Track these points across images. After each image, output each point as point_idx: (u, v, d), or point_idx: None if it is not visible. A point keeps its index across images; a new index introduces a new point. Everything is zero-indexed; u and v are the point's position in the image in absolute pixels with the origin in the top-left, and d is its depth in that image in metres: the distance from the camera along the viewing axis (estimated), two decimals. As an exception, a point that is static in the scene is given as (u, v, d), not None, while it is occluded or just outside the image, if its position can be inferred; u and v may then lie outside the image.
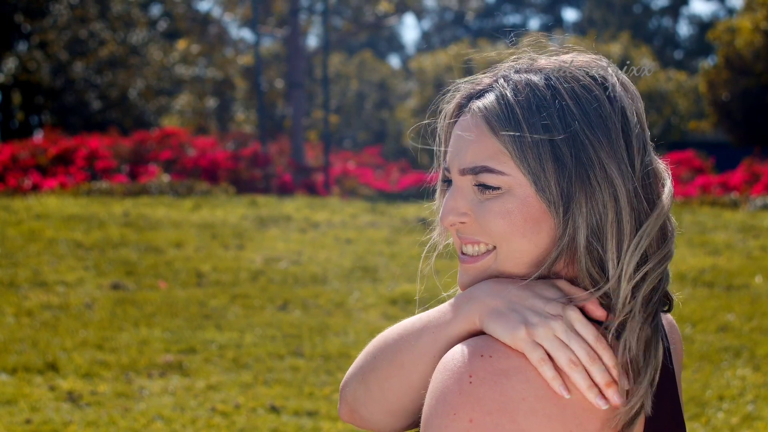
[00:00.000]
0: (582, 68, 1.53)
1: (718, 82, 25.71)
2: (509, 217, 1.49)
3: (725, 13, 51.71)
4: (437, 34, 53.51)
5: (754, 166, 17.91)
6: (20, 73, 31.80)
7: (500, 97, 1.51)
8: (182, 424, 5.85)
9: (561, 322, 1.43)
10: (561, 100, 1.48)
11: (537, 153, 1.46)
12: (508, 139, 1.48)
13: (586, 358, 1.42)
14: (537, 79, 1.51)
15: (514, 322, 1.44)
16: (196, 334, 7.82)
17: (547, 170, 1.46)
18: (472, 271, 1.54)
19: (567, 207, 1.46)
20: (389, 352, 1.57)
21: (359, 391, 1.61)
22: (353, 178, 18.80)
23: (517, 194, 1.48)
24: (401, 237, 12.12)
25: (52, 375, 6.74)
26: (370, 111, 38.10)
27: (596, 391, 1.41)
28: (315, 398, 6.40)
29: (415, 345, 1.53)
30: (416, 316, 1.58)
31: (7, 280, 9.42)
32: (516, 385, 1.40)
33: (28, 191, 15.62)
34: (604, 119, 1.48)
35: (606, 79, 1.51)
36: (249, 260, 10.61)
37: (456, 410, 1.39)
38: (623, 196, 1.46)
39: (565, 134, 1.46)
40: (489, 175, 1.49)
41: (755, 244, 11.63)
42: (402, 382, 1.55)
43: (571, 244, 1.47)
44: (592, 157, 1.46)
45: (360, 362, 1.62)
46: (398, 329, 1.58)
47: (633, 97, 1.53)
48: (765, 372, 6.96)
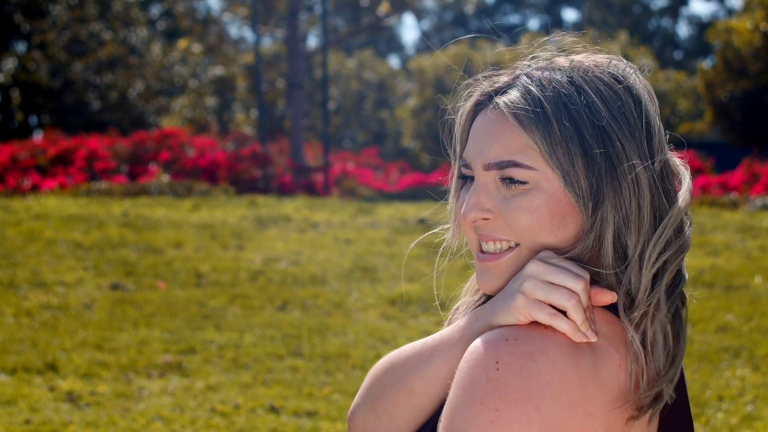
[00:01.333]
0: (601, 66, 1.54)
1: (717, 82, 25.71)
2: (537, 212, 1.48)
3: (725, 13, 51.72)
4: (437, 34, 53.51)
5: (753, 166, 17.91)
6: (20, 73, 31.80)
7: (526, 93, 1.50)
8: (181, 425, 5.85)
9: (536, 263, 1.45)
10: (587, 97, 1.49)
11: (566, 148, 1.46)
12: (537, 134, 1.47)
13: (575, 284, 1.43)
14: (560, 76, 1.51)
15: (508, 299, 1.46)
16: (195, 334, 7.82)
17: (577, 165, 1.46)
18: (495, 269, 1.53)
19: (596, 203, 1.47)
20: (397, 379, 1.56)
21: (369, 419, 1.60)
22: (352, 179, 18.80)
23: (545, 189, 1.48)
24: (401, 237, 12.11)
25: (52, 375, 6.74)
26: (369, 111, 38.10)
27: (588, 325, 1.42)
28: (314, 398, 6.40)
29: (424, 369, 1.53)
30: (422, 340, 1.57)
31: (6, 280, 9.42)
32: (541, 368, 1.39)
33: (27, 191, 15.61)
34: (627, 116, 1.49)
35: (626, 77, 1.53)
36: (248, 260, 10.61)
37: (483, 399, 1.39)
38: (646, 191, 1.47)
39: (593, 129, 1.47)
40: (516, 170, 1.48)
41: (754, 244, 11.63)
42: (413, 408, 1.54)
43: (597, 239, 1.48)
44: (620, 153, 1.47)
45: (367, 389, 1.61)
46: (405, 354, 1.57)
47: (651, 94, 1.54)
48: (764, 372, 6.96)
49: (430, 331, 8.06)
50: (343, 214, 14.09)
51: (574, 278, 1.43)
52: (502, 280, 1.52)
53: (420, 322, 8.38)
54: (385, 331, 8.05)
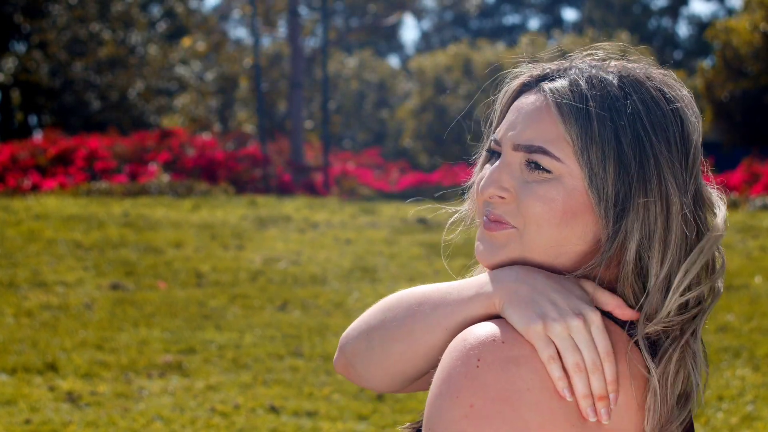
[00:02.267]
0: (653, 79, 1.52)
1: (717, 82, 25.71)
2: (551, 204, 1.47)
3: (725, 13, 51.72)
4: (437, 34, 53.50)
5: (753, 166, 17.91)
6: (20, 73, 31.80)
7: (573, 86, 1.49)
8: (181, 425, 5.85)
9: (580, 323, 1.42)
10: (633, 105, 1.47)
11: (601, 149, 1.45)
12: (575, 129, 1.46)
13: (591, 365, 1.40)
14: (611, 78, 1.50)
15: (532, 313, 1.43)
16: (195, 334, 7.82)
17: (608, 169, 1.45)
18: (492, 240, 1.51)
19: (622, 211, 1.45)
20: (401, 316, 1.54)
21: (360, 346, 1.59)
22: (353, 179, 18.80)
23: (566, 184, 1.47)
24: (401, 237, 12.11)
25: (52, 375, 6.74)
26: (369, 111, 38.10)
27: (591, 401, 1.39)
28: (314, 398, 6.40)
29: (429, 314, 1.51)
30: (435, 285, 1.54)
31: (6, 280, 9.42)
32: (524, 375, 1.38)
33: (27, 191, 15.62)
34: (668, 135, 1.47)
35: (675, 99, 1.51)
36: (248, 260, 10.61)
37: (459, 393, 1.38)
38: (676, 211, 1.46)
39: (632, 139, 1.45)
40: (544, 157, 1.47)
41: (755, 244, 11.64)
42: (407, 348, 1.53)
43: (619, 249, 1.46)
44: (653, 168, 1.45)
45: (367, 318, 1.59)
46: (415, 294, 1.54)
47: (697, 119, 1.52)
48: (764, 372, 6.96)
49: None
50: (344, 214, 14.09)
51: (592, 360, 1.41)
52: (497, 257, 1.50)
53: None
54: (385, 331, 8.04)
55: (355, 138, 37.95)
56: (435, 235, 12.25)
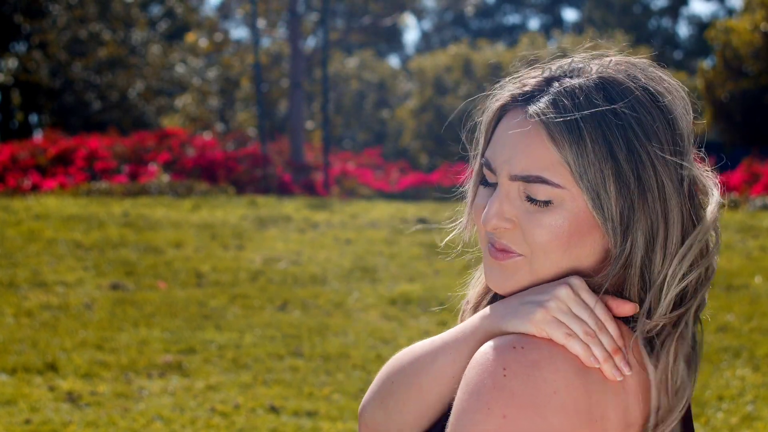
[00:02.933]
0: (636, 79, 1.49)
1: (717, 82, 25.71)
2: (557, 231, 1.45)
3: (725, 13, 51.72)
4: (437, 34, 53.51)
5: (753, 166, 17.91)
6: (20, 73, 31.81)
7: (559, 105, 1.45)
8: (182, 425, 5.85)
9: (568, 289, 1.44)
10: (623, 116, 1.44)
11: (599, 169, 1.43)
12: (570, 153, 1.43)
13: (595, 326, 1.43)
14: (594, 89, 1.46)
15: (529, 309, 1.45)
16: (195, 334, 7.82)
17: (609, 189, 1.43)
18: (504, 269, 1.51)
19: (627, 227, 1.44)
20: (406, 376, 1.56)
21: (378, 415, 1.60)
22: (353, 179, 18.80)
23: (569, 207, 1.45)
24: (401, 237, 12.12)
25: (52, 375, 6.74)
26: (369, 111, 38.10)
27: (612, 362, 1.42)
28: (314, 398, 6.40)
29: (432, 367, 1.53)
30: (432, 338, 1.57)
31: (6, 280, 9.42)
32: (548, 377, 1.39)
33: (27, 191, 15.62)
34: (659, 136, 1.46)
35: (661, 93, 1.49)
36: (248, 260, 10.61)
37: (490, 405, 1.39)
38: (676, 212, 1.46)
39: (627, 151, 1.43)
40: (543, 186, 1.45)
41: (755, 244, 11.64)
42: (421, 404, 1.54)
43: (627, 263, 1.46)
44: (652, 177, 1.44)
45: (377, 387, 1.61)
46: (413, 352, 1.57)
47: (685, 105, 1.51)
48: (764, 372, 6.96)
49: (431, 331, 8.06)
50: (344, 214, 14.09)
51: (594, 321, 1.44)
52: (510, 283, 1.51)
53: (420, 322, 8.38)
54: (386, 331, 8.05)
55: (355, 138, 37.95)
56: (435, 235, 12.25)
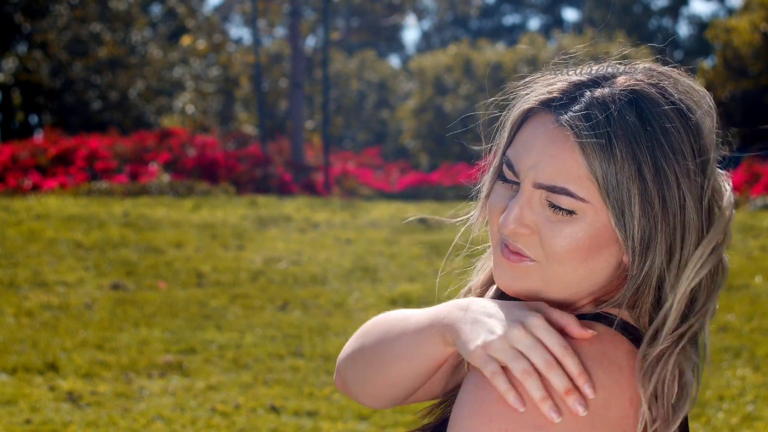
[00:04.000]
0: (668, 95, 1.46)
1: (717, 82, 25.71)
2: (576, 242, 1.43)
3: (725, 13, 51.72)
4: (437, 34, 53.51)
5: (753, 166, 17.91)
6: (20, 73, 31.81)
7: (591, 115, 1.42)
8: (182, 425, 5.85)
9: (520, 330, 1.38)
10: (653, 134, 1.42)
11: (627, 188, 1.40)
12: (599, 168, 1.40)
13: (544, 365, 1.37)
14: (626, 102, 1.43)
15: (473, 337, 1.41)
16: (196, 334, 7.83)
17: (634, 209, 1.41)
18: (515, 271, 1.49)
19: (647, 247, 1.42)
20: (372, 347, 1.60)
21: (349, 370, 1.65)
22: (353, 179, 18.81)
23: (590, 221, 1.43)
24: (401, 237, 12.11)
25: (52, 375, 6.75)
26: (370, 111, 38.10)
27: (550, 403, 1.35)
28: (315, 398, 6.40)
29: (393, 346, 1.56)
30: (404, 313, 1.59)
31: (7, 280, 9.42)
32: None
33: (28, 191, 15.62)
34: (686, 152, 1.43)
35: (692, 110, 1.46)
36: (249, 260, 10.61)
37: (492, 418, 1.38)
38: (694, 232, 1.43)
39: (654, 171, 1.41)
40: (567, 198, 1.42)
41: (755, 244, 11.64)
42: (383, 376, 1.59)
43: (644, 283, 1.44)
44: (675, 196, 1.41)
45: (351, 345, 1.66)
46: (384, 325, 1.60)
47: (712, 120, 1.48)
48: (765, 372, 6.96)
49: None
50: (344, 214, 14.09)
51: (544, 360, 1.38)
52: (518, 285, 1.49)
53: (420, 322, 8.38)
54: (386, 331, 8.04)
55: (356, 138, 37.96)
56: (435, 235, 12.25)
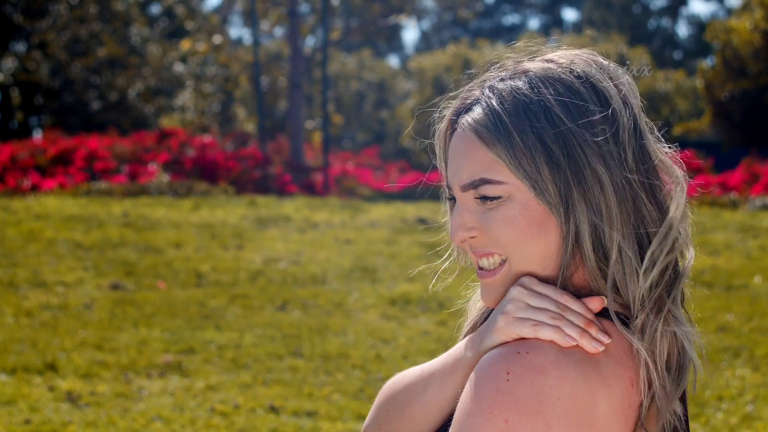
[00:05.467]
0: (566, 66, 1.52)
1: (717, 82, 25.70)
2: (513, 223, 1.49)
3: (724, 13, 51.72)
4: (436, 34, 53.52)
5: (753, 166, 17.91)
6: (20, 73, 31.81)
7: (486, 108, 1.51)
8: (181, 425, 5.85)
9: (518, 288, 1.47)
10: (546, 102, 1.48)
11: (531, 157, 1.47)
12: (500, 148, 1.48)
13: (557, 309, 1.44)
14: (521, 83, 1.51)
15: (492, 322, 1.48)
16: (195, 334, 7.82)
17: (543, 173, 1.47)
18: (492, 285, 1.55)
19: (567, 207, 1.47)
20: (399, 405, 1.60)
21: None
22: (352, 179, 18.81)
23: (518, 200, 1.49)
24: (401, 237, 12.12)
25: (52, 375, 6.74)
26: (369, 111, 38.11)
27: (588, 336, 1.43)
28: (314, 398, 6.41)
29: (422, 397, 1.56)
30: (421, 367, 1.60)
31: (6, 280, 9.42)
32: (553, 383, 1.39)
33: (27, 191, 15.62)
34: (588, 115, 1.48)
35: (586, 74, 1.51)
36: (248, 260, 10.61)
37: (492, 409, 1.39)
38: (610, 191, 1.47)
39: (554, 135, 1.47)
40: (488, 186, 1.50)
41: (754, 244, 11.64)
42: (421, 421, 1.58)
43: (575, 242, 1.48)
44: (581, 155, 1.47)
45: (375, 413, 1.65)
46: (405, 380, 1.61)
47: (627, 90, 1.52)
48: (764, 372, 6.96)
49: (430, 331, 8.07)
50: (343, 214, 14.09)
51: (555, 304, 1.46)
52: (495, 296, 1.54)
53: (420, 322, 8.38)
54: (385, 331, 8.05)
55: (355, 138, 37.96)
56: (435, 235, 12.23)
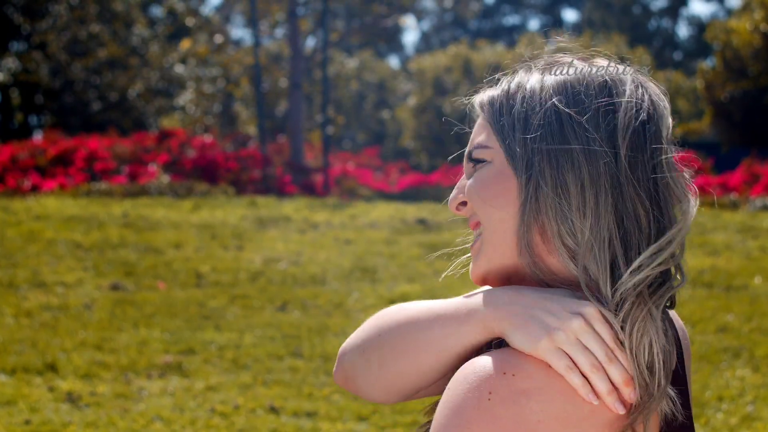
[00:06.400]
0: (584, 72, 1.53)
1: (717, 83, 25.72)
2: (483, 184, 1.52)
3: (724, 13, 51.73)
4: (436, 35, 53.52)
5: (753, 166, 17.92)
6: (20, 73, 31.82)
7: (498, 87, 1.57)
8: (181, 425, 5.85)
9: (581, 322, 1.41)
10: (545, 87, 1.51)
11: (510, 117, 1.51)
12: (492, 115, 1.54)
13: (605, 358, 1.40)
14: (536, 74, 1.54)
15: (536, 331, 1.42)
16: (195, 334, 7.83)
17: (516, 133, 1.50)
18: (473, 254, 1.57)
19: (530, 171, 1.48)
20: (395, 335, 1.55)
21: (358, 363, 1.60)
22: (352, 179, 18.81)
23: (496, 164, 1.52)
24: (401, 238, 12.12)
25: (52, 376, 6.75)
26: (369, 111, 38.12)
27: (616, 395, 1.39)
28: (314, 399, 6.41)
29: (423, 334, 1.51)
30: (427, 303, 1.55)
31: (6, 280, 9.42)
32: (534, 407, 1.38)
33: (27, 192, 15.62)
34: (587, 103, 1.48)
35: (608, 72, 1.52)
36: (248, 261, 10.61)
37: (470, 425, 1.37)
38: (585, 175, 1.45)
39: (542, 109, 1.49)
40: (478, 150, 1.54)
41: (754, 244, 11.64)
42: (402, 368, 1.53)
43: (537, 214, 1.47)
44: (566, 131, 1.47)
45: (363, 335, 1.60)
46: (408, 313, 1.55)
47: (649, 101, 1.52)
48: (764, 373, 6.96)
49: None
50: (343, 215, 14.09)
51: (605, 352, 1.41)
52: (477, 267, 1.55)
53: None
54: (385, 332, 8.04)
55: (355, 138, 37.97)
56: (435, 235, 12.25)
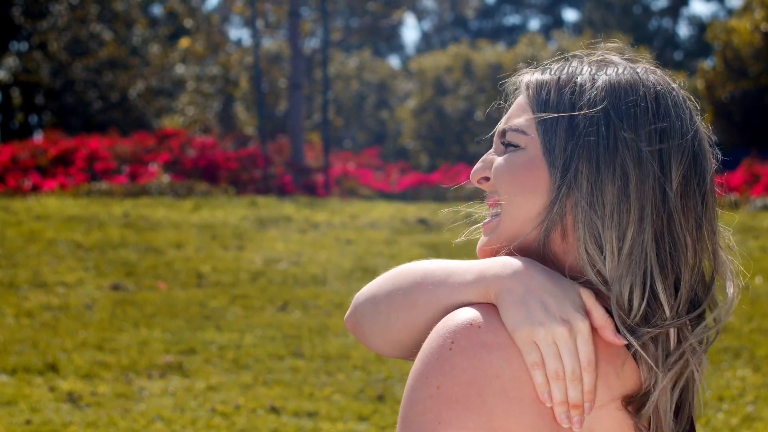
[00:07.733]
0: (648, 76, 1.54)
1: (717, 82, 25.72)
2: (512, 167, 1.52)
3: (725, 13, 51.71)
4: (437, 35, 53.51)
5: (753, 166, 17.91)
6: (20, 73, 31.82)
7: (546, 71, 1.56)
8: (182, 425, 5.86)
9: (565, 330, 1.41)
10: (596, 87, 1.51)
11: (555, 118, 1.50)
12: (536, 102, 1.52)
13: (570, 374, 1.40)
14: (585, 65, 1.55)
15: (521, 317, 1.42)
16: (196, 334, 7.83)
17: (559, 133, 1.49)
18: (485, 232, 1.57)
19: (566, 171, 1.47)
20: (406, 287, 1.56)
21: (368, 310, 1.61)
22: (353, 179, 18.80)
23: (529, 152, 1.51)
24: (401, 238, 12.12)
25: (52, 376, 6.75)
26: (369, 111, 38.11)
27: (566, 408, 1.39)
28: (315, 399, 6.41)
29: (431, 291, 1.52)
30: (444, 262, 1.56)
31: (7, 280, 9.42)
32: (494, 362, 1.38)
33: (28, 192, 15.62)
34: (636, 111, 1.48)
35: (668, 90, 1.53)
36: (249, 261, 10.61)
37: (428, 373, 1.39)
38: (634, 186, 1.45)
39: (589, 108, 1.49)
40: (513, 134, 1.54)
41: (755, 244, 11.64)
42: (408, 320, 1.54)
43: (560, 213, 1.48)
44: (611, 136, 1.47)
45: (378, 284, 1.62)
46: (423, 268, 1.56)
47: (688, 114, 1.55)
48: (765, 373, 6.96)
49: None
50: (344, 215, 14.09)
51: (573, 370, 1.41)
52: (486, 243, 1.56)
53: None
54: (386, 332, 8.05)
55: (355, 138, 37.96)
56: (435, 235, 12.25)
